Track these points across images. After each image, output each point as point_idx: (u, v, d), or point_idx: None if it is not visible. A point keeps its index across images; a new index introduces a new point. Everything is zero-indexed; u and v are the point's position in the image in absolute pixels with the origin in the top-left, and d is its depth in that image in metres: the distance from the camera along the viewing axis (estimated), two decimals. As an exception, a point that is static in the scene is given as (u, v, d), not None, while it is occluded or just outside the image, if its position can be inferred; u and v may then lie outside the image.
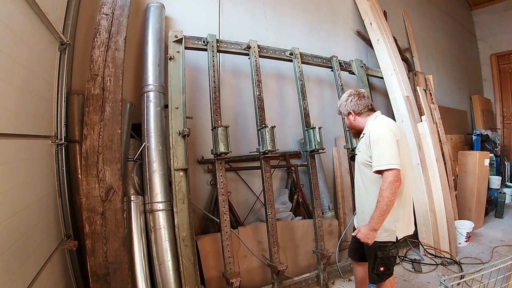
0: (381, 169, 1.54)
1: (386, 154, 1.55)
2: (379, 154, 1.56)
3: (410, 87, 3.58)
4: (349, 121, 1.88)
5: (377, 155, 1.57)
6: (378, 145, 1.58)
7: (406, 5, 4.99)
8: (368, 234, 1.59)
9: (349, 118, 1.86)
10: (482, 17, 7.31)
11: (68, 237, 1.83)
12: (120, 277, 1.65)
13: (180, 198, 2.01)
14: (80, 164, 1.92)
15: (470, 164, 3.82)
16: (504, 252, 3.09)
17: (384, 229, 1.61)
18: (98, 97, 1.82)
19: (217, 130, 2.12)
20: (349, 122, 1.89)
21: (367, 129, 1.75)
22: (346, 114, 1.87)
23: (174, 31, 2.30)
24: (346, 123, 1.94)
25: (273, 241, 2.26)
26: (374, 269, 1.66)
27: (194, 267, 1.96)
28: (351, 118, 1.85)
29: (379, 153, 1.57)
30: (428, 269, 2.76)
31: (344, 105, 1.85)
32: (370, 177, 1.67)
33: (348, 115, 1.85)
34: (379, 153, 1.57)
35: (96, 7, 2.07)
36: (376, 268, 1.64)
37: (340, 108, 1.89)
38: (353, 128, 1.89)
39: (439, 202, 3.09)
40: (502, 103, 7.00)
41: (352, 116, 1.84)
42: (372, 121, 1.77)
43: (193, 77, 2.64)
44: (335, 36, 3.77)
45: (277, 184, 3.03)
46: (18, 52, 1.31)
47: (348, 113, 1.84)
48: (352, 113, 1.83)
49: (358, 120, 1.83)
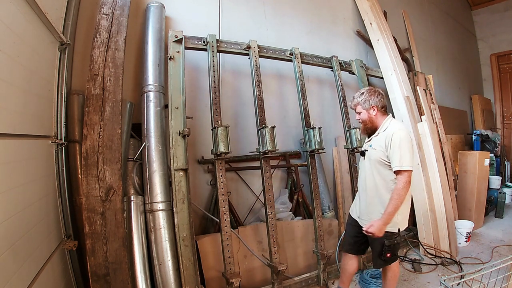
0: (402, 169, 1.70)
1: (406, 156, 1.72)
2: (401, 156, 1.71)
3: (410, 87, 3.58)
4: (369, 115, 1.91)
5: (400, 157, 1.71)
6: (400, 147, 1.72)
7: (406, 5, 4.99)
8: (382, 228, 1.73)
9: (369, 112, 1.90)
10: (482, 17, 7.31)
11: (68, 237, 1.83)
12: (120, 277, 1.65)
13: (180, 198, 2.01)
14: (80, 164, 1.92)
15: (470, 164, 3.82)
16: (504, 252, 3.08)
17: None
18: (98, 97, 1.82)
19: (217, 130, 2.12)
20: (368, 116, 1.91)
21: (384, 128, 1.86)
22: (367, 108, 1.89)
23: (174, 31, 2.30)
24: (363, 117, 1.93)
25: (273, 241, 2.26)
26: (382, 255, 1.82)
27: (194, 267, 1.96)
28: (372, 113, 1.89)
29: (401, 155, 1.72)
30: (428, 269, 2.76)
31: (368, 99, 1.89)
32: (385, 175, 1.81)
33: (370, 110, 1.89)
34: (401, 155, 1.72)
35: (96, 7, 2.07)
36: (384, 254, 1.81)
37: (361, 101, 1.91)
38: (370, 123, 1.92)
39: (439, 202, 3.09)
40: (502, 103, 7.00)
41: (373, 111, 1.89)
42: (389, 122, 1.88)
43: (193, 77, 2.64)
44: (335, 36, 3.77)
45: (277, 184, 3.03)
46: (18, 52, 1.31)
47: (371, 107, 1.88)
48: (375, 108, 1.88)
49: (378, 116, 1.89)
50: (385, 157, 1.79)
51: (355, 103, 1.96)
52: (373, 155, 1.85)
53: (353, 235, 2.01)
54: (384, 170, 1.81)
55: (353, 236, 2.02)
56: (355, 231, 1.99)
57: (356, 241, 2.00)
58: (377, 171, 1.84)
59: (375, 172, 1.85)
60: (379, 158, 1.81)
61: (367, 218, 1.88)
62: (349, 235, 2.05)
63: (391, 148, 1.75)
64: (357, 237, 1.98)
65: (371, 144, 1.89)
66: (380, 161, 1.81)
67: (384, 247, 1.81)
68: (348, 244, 2.06)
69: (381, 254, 1.82)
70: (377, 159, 1.82)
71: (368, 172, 1.89)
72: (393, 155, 1.74)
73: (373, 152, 1.86)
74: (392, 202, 1.71)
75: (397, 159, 1.72)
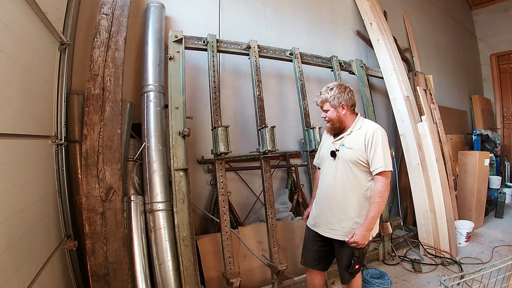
0: (385, 170, 1.57)
1: (388, 157, 1.60)
2: (383, 155, 1.59)
3: (410, 87, 3.57)
4: (337, 114, 1.71)
5: (381, 157, 1.59)
6: (383, 147, 1.60)
7: (406, 5, 4.99)
8: (366, 235, 1.58)
9: (338, 111, 1.70)
10: (482, 17, 7.31)
11: (68, 237, 1.83)
12: (120, 277, 1.65)
13: (180, 198, 2.01)
14: (80, 164, 1.92)
15: (470, 164, 3.82)
16: (504, 252, 3.08)
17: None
18: (98, 97, 1.82)
19: (217, 130, 2.12)
20: (337, 115, 1.71)
21: (358, 127, 1.71)
22: (336, 106, 1.70)
23: (174, 31, 2.30)
24: (331, 116, 1.72)
25: (273, 241, 2.26)
26: (349, 268, 1.66)
27: (194, 267, 1.96)
28: (340, 111, 1.70)
29: (384, 155, 1.59)
30: (428, 269, 2.76)
31: (337, 96, 1.69)
32: (358, 177, 1.65)
33: (339, 108, 1.70)
34: (384, 155, 1.59)
35: (96, 7, 2.07)
36: (352, 266, 1.64)
37: (330, 98, 1.70)
38: (338, 123, 1.72)
39: (439, 202, 3.09)
40: (502, 103, 7.00)
41: (343, 109, 1.70)
42: (362, 121, 1.74)
43: (193, 77, 2.64)
44: (335, 36, 3.77)
45: (277, 184, 3.03)
46: (18, 52, 1.31)
47: (341, 105, 1.69)
48: (345, 106, 1.70)
49: (347, 115, 1.72)
50: (362, 158, 1.62)
51: (323, 99, 1.73)
52: (347, 155, 1.66)
53: (317, 250, 1.82)
54: (357, 172, 1.65)
55: (316, 251, 1.82)
56: (319, 245, 1.81)
57: (321, 256, 1.82)
58: (351, 172, 1.65)
59: (348, 173, 1.66)
60: (355, 158, 1.63)
61: (339, 227, 1.68)
62: (312, 250, 1.84)
63: (372, 148, 1.60)
64: (321, 252, 1.81)
65: (344, 143, 1.69)
66: (356, 161, 1.63)
67: (353, 258, 1.63)
68: (313, 260, 1.84)
69: (349, 266, 1.65)
70: (352, 159, 1.64)
71: (339, 174, 1.69)
72: (375, 155, 1.59)
73: (347, 151, 1.66)
74: (376, 205, 1.57)
75: (380, 159, 1.58)
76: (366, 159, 1.63)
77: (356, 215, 1.65)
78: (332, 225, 1.70)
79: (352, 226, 1.65)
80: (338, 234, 1.68)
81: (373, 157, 1.60)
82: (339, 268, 1.76)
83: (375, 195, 1.59)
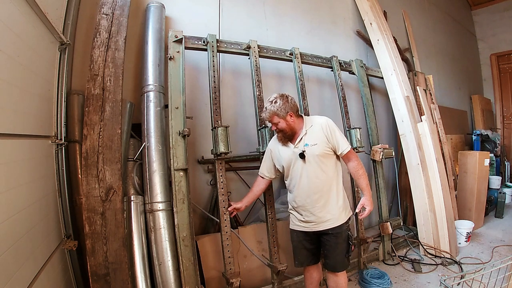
0: (350, 148, 1.84)
1: (345, 138, 1.87)
2: (342, 138, 1.84)
3: (410, 87, 3.57)
4: (287, 123, 1.81)
5: (343, 140, 1.84)
6: (338, 132, 1.84)
7: (406, 5, 4.99)
8: (371, 200, 1.88)
9: (287, 120, 1.80)
10: (482, 17, 7.31)
11: (68, 237, 1.83)
12: (120, 277, 1.65)
13: (180, 198, 2.01)
14: (80, 164, 1.92)
15: (470, 164, 3.82)
16: (504, 252, 3.08)
17: (345, 208, 1.87)
18: (98, 97, 1.82)
19: (217, 130, 2.12)
20: (286, 124, 1.81)
21: (310, 125, 1.86)
22: (284, 116, 1.79)
23: (174, 31, 2.30)
24: (282, 126, 1.82)
25: (273, 241, 2.26)
26: (348, 252, 1.84)
27: (194, 267, 1.96)
28: (289, 119, 1.81)
29: (342, 137, 1.84)
30: (428, 269, 2.76)
31: (283, 107, 1.78)
32: (330, 165, 1.84)
33: (287, 117, 1.80)
34: (342, 137, 1.84)
35: (96, 7, 2.07)
36: (350, 249, 1.84)
37: (277, 110, 1.78)
38: (290, 131, 1.83)
39: (439, 202, 3.09)
40: (502, 103, 7.00)
41: (291, 117, 1.81)
42: (310, 120, 1.90)
43: (193, 77, 2.64)
44: (335, 36, 3.77)
45: (277, 184, 3.03)
46: (18, 52, 1.31)
47: (288, 114, 1.80)
48: (292, 114, 1.82)
49: (295, 121, 1.84)
50: (328, 148, 1.81)
51: (270, 114, 1.81)
52: (316, 151, 1.78)
53: (308, 247, 1.92)
54: (326, 162, 1.81)
55: (308, 249, 1.92)
56: (309, 243, 1.91)
57: (313, 252, 1.93)
58: (323, 164, 1.80)
59: (321, 166, 1.79)
60: (323, 151, 1.79)
61: (330, 216, 1.80)
62: (305, 249, 1.92)
63: (333, 135, 1.81)
64: (313, 248, 1.92)
65: (307, 143, 1.81)
66: (324, 153, 1.80)
67: (350, 240, 1.83)
68: (307, 258, 1.94)
69: (348, 250, 1.82)
70: (321, 153, 1.79)
71: (313, 171, 1.79)
72: (338, 140, 1.82)
73: (314, 148, 1.79)
74: (363, 176, 1.87)
75: (343, 142, 1.82)
76: (331, 147, 1.83)
77: (338, 199, 1.84)
78: (323, 217, 1.82)
79: (340, 209, 1.83)
80: (332, 222, 1.81)
81: (337, 142, 1.82)
82: (333, 258, 1.85)
83: (357, 169, 1.87)
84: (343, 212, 1.85)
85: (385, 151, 3.00)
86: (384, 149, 3.00)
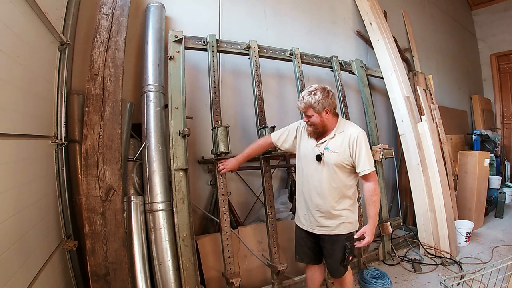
0: (371, 171, 1.69)
1: (371, 158, 1.71)
2: (369, 158, 1.70)
3: (410, 87, 3.57)
4: (321, 119, 1.71)
5: (368, 159, 1.69)
6: (366, 149, 1.69)
7: (406, 5, 4.99)
8: (373, 231, 1.75)
9: (322, 116, 1.70)
10: (482, 17, 7.31)
11: (68, 237, 1.83)
12: (120, 277, 1.65)
13: (180, 198, 2.01)
14: (80, 164, 1.92)
15: (470, 164, 3.82)
16: (504, 252, 3.09)
17: (349, 222, 1.78)
18: (98, 97, 1.82)
19: (217, 130, 2.12)
20: (321, 120, 1.71)
21: (341, 130, 1.75)
22: (320, 111, 1.69)
23: (174, 31, 2.30)
24: (315, 121, 1.72)
25: (273, 241, 2.26)
26: (344, 261, 1.77)
27: (194, 267, 1.96)
28: (324, 116, 1.70)
29: (369, 158, 1.69)
30: (428, 269, 2.77)
31: (322, 101, 1.67)
32: (344, 178, 1.74)
33: (323, 113, 1.69)
34: (369, 158, 1.69)
35: (96, 7, 2.07)
36: (346, 259, 1.76)
37: (314, 103, 1.67)
38: (322, 128, 1.74)
39: (439, 202, 3.09)
40: (502, 103, 7.00)
41: (326, 114, 1.71)
42: (343, 124, 1.78)
43: (193, 77, 2.63)
44: (335, 36, 3.77)
45: (277, 184, 3.03)
46: (18, 52, 1.31)
47: (325, 110, 1.69)
48: (329, 111, 1.71)
49: (330, 119, 1.73)
50: (346, 161, 1.69)
51: (306, 104, 1.70)
52: (332, 159, 1.69)
53: (309, 246, 1.90)
54: (341, 174, 1.71)
55: (310, 248, 1.90)
56: (311, 242, 1.89)
57: (315, 252, 1.91)
58: (336, 175, 1.71)
59: (333, 176, 1.71)
60: (340, 162, 1.69)
61: (329, 223, 1.76)
62: (306, 247, 1.91)
63: (357, 151, 1.67)
64: (315, 248, 1.90)
65: (328, 147, 1.72)
66: (341, 165, 1.69)
67: (346, 250, 1.74)
68: (308, 257, 1.93)
69: (344, 259, 1.76)
70: (337, 163, 1.69)
71: (325, 177, 1.73)
72: (361, 158, 1.67)
73: (332, 156, 1.70)
74: (374, 204, 1.72)
75: (366, 162, 1.67)
76: (350, 162, 1.71)
77: (342, 211, 1.77)
78: (322, 223, 1.79)
79: (340, 221, 1.76)
80: (330, 230, 1.78)
81: (359, 160, 1.69)
82: (330, 264, 1.86)
83: (371, 194, 1.71)
84: (344, 225, 1.77)
85: (385, 151, 3.00)
86: (384, 149, 3.00)
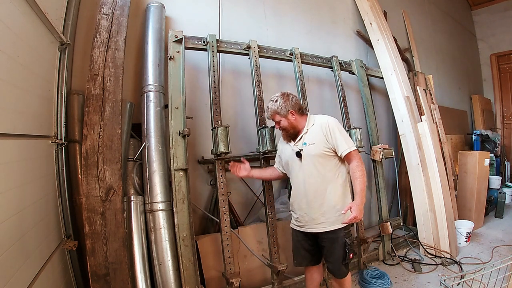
0: (351, 150, 1.73)
1: (347, 138, 1.77)
2: (345, 139, 1.75)
3: (410, 87, 3.57)
4: (288, 121, 1.82)
5: (344, 140, 1.74)
6: (340, 132, 1.76)
7: (406, 5, 4.99)
8: (361, 208, 1.68)
9: (288, 118, 1.81)
10: (482, 17, 7.31)
11: (68, 237, 1.83)
12: (120, 277, 1.65)
13: (180, 198, 2.01)
14: (80, 164, 1.92)
15: (470, 164, 3.82)
16: (504, 252, 3.08)
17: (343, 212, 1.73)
18: (98, 97, 1.82)
19: (217, 130, 2.12)
20: (288, 122, 1.82)
21: (312, 123, 1.83)
22: (285, 115, 1.80)
23: (174, 31, 2.30)
24: (284, 125, 1.83)
25: (273, 241, 2.26)
26: (345, 260, 1.74)
27: (194, 267, 1.96)
28: (291, 118, 1.81)
29: (345, 138, 1.75)
30: (428, 269, 2.76)
31: (284, 105, 1.79)
32: (329, 166, 1.77)
33: (288, 115, 1.80)
34: (345, 138, 1.75)
35: (96, 7, 2.07)
36: (347, 257, 1.74)
37: (278, 109, 1.80)
38: (292, 129, 1.83)
39: (439, 202, 3.09)
40: (502, 103, 7.00)
41: (292, 116, 1.81)
42: (313, 118, 1.86)
43: (193, 77, 2.64)
44: (335, 36, 3.77)
45: (277, 184, 3.03)
46: (18, 52, 1.31)
47: (290, 112, 1.80)
48: (294, 112, 1.81)
49: (298, 119, 1.83)
50: (327, 148, 1.75)
51: (272, 112, 1.84)
52: (313, 150, 1.76)
53: (307, 248, 1.89)
54: (325, 162, 1.76)
55: (307, 250, 1.90)
56: (308, 243, 1.89)
57: (312, 253, 1.90)
58: (321, 164, 1.76)
59: (318, 167, 1.76)
60: (320, 151, 1.75)
61: (324, 219, 1.76)
62: (303, 249, 1.91)
63: (333, 135, 1.74)
64: (313, 250, 1.89)
65: (305, 142, 1.79)
66: (323, 153, 1.75)
67: (346, 247, 1.73)
68: (305, 259, 1.92)
69: (345, 258, 1.74)
70: (317, 153, 1.75)
71: (308, 171, 1.78)
72: (338, 141, 1.74)
73: (311, 147, 1.77)
74: (359, 179, 1.71)
75: (342, 143, 1.73)
76: (330, 147, 1.76)
77: (335, 203, 1.76)
78: (317, 220, 1.78)
79: (336, 214, 1.74)
80: (326, 226, 1.76)
81: (337, 144, 1.74)
82: (331, 264, 1.82)
83: (354, 171, 1.73)
84: (341, 217, 1.75)
85: (385, 151, 3.00)
86: (384, 149, 3.00)
